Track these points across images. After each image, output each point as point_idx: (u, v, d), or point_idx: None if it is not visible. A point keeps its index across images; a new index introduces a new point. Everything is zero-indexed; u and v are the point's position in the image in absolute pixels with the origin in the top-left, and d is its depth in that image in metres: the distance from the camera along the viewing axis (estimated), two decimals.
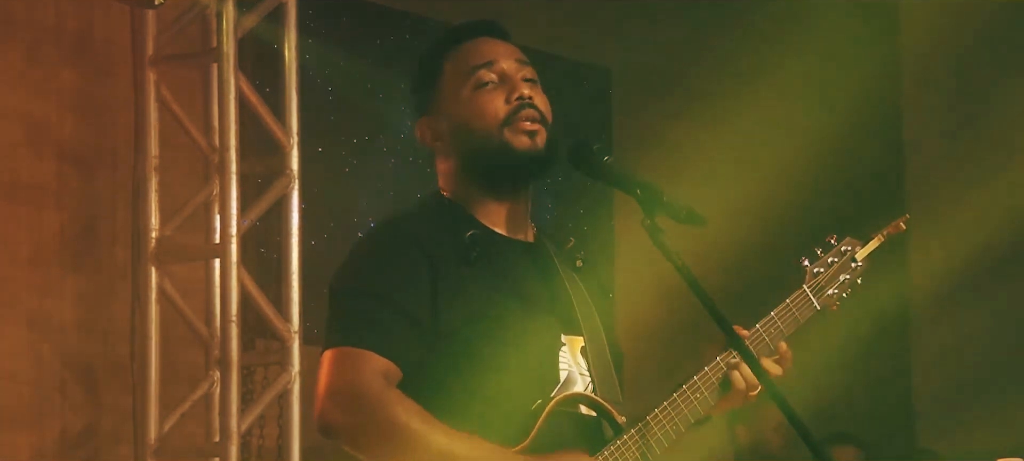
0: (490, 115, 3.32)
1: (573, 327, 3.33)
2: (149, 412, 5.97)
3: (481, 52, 3.37)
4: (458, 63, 3.37)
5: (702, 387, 3.34)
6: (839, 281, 3.53)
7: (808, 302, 3.48)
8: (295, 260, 6.02)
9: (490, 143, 3.31)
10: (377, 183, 7.20)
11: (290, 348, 6.01)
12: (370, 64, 7.17)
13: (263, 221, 6.16)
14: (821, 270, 3.52)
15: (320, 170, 6.74)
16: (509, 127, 3.31)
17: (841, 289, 3.53)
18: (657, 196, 3.20)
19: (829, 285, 3.51)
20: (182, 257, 6.06)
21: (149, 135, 6.05)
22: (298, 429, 6.00)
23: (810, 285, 3.49)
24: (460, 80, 3.35)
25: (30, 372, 5.89)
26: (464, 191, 3.36)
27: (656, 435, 3.28)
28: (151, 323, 5.99)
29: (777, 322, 3.43)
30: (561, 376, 3.28)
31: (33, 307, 5.92)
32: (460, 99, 3.34)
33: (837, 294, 3.52)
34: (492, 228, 3.34)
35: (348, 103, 7.13)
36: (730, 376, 3.35)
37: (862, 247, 3.57)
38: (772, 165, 8.29)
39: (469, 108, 3.33)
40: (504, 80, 3.34)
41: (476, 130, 3.32)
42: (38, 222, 5.96)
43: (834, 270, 3.53)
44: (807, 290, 3.49)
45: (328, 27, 6.98)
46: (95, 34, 6.15)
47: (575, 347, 3.32)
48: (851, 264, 3.55)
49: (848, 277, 3.54)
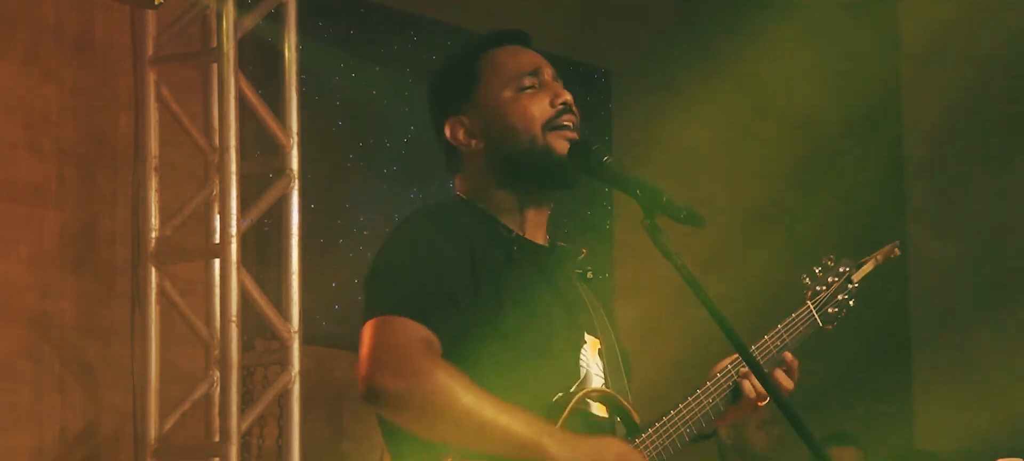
0: (534, 117, 3.33)
1: (591, 329, 3.36)
2: (149, 412, 5.97)
3: (524, 59, 3.39)
4: (498, 65, 3.37)
5: (714, 392, 3.37)
6: (837, 300, 3.62)
7: (811, 318, 3.55)
8: (295, 260, 6.02)
9: (533, 144, 3.32)
10: (377, 183, 7.21)
11: (290, 348, 6.01)
12: (371, 64, 7.17)
13: (263, 221, 6.16)
14: (821, 289, 3.61)
15: (320, 170, 6.74)
16: (551, 130, 3.33)
17: (839, 308, 3.62)
18: (657, 196, 3.20)
19: (829, 304, 3.60)
20: (182, 257, 6.07)
21: (149, 135, 6.05)
22: (298, 429, 6.00)
23: (813, 302, 3.57)
24: (502, 82, 3.36)
25: (30, 372, 5.89)
26: (487, 193, 3.37)
27: (671, 437, 3.30)
28: (151, 323, 5.99)
29: (783, 334, 3.49)
30: (581, 372, 3.29)
31: (33, 307, 5.92)
32: (502, 99, 3.35)
33: (835, 313, 3.61)
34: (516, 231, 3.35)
35: (348, 103, 7.13)
36: (741, 385, 3.38)
37: (857, 270, 3.65)
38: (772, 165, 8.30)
39: (512, 108, 3.34)
40: (543, 85, 3.36)
41: (519, 130, 3.33)
42: (38, 222, 5.96)
43: (833, 290, 3.62)
44: (811, 306, 3.56)
45: (328, 27, 6.98)
46: (95, 34, 6.15)
47: (594, 348, 3.34)
48: (848, 285, 3.64)
49: (845, 297, 3.63)
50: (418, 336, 3.14)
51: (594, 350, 3.34)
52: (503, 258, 3.27)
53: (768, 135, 8.27)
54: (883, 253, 3.67)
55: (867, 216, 8.20)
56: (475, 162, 3.37)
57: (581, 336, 3.32)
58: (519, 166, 3.34)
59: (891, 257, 3.68)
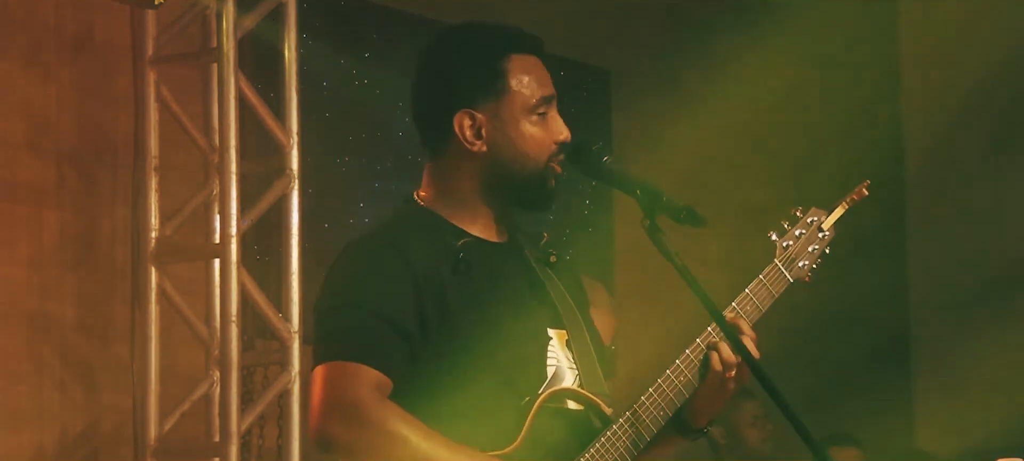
0: (544, 148, 3.34)
1: (556, 322, 3.35)
2: (149, 412, 5.97)
3: (546, 82, 3.39)
4: (524, 81, 3.36)
5: (685, 370, 3.36)
6: (808, 252, 3.52)
7: (781, 276, 3.48)
8: (295, 260, 6.02)
9: (537, 174, 3.34)
10: (376, 183, 7.21)
11: (290, 348, 6.01)
12: (370, 64, 7.17)
13: (263, 221, 6.16)
14: (790, 243, 3.52)
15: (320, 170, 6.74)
16: (551, 163, 3.35)
17: (811, 259, 3.52)
18: (656, 196, 3.21)
19: (799, 257, 3.51)
20: (182, 257, 6.06)
21: (149, 135, 6.05)
22: (298, 429, 6.00)
23: (781, 258, 3.49)
24: (525, 101, 3.35)
25: (30, 372, 5.89)
26: (456, 191, 3.36)
27: (644, 422, 3.30)
28: (151, 323, 5.99)
29: (752, 298, 3.43)
30: (549, 372, 3.29)
31: (33, 307, 5.92)
32: (522, 120, 3.35)
33: (808, 265, 3.51)
34: (470, 232, 3.34)
35: (348, 103, 7.13)
36: (708, 356, 3.35)
37: (827, 216, 3.56)
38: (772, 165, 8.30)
39: (529, 134, 3.34)
40: (552, 116, 3.38)
41: (528, 158, 3.34)
42: (38, 222, 5.96)
43: (803, 241, 3.52)
44: (778, 264, 3.48)
45: (328, 27, 6.98)
46: (95, 34, 6.15)
47: (561, 341, 3.34)
48: (818, 234, 3.54)
49: (817, 247, 3.53)
50: (368, 381, 3.16)
51: (562, 343, 3.34)
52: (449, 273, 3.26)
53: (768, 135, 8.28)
54: (854, 194, 3.57)
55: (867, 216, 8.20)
56: (469, 161, 3.36)
57: (544, 333, 3.31)
58: (512, 188, 3.35)
59: (861, 197, 3.56)
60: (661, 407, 3.31)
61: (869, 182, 3.57)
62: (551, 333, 3.33)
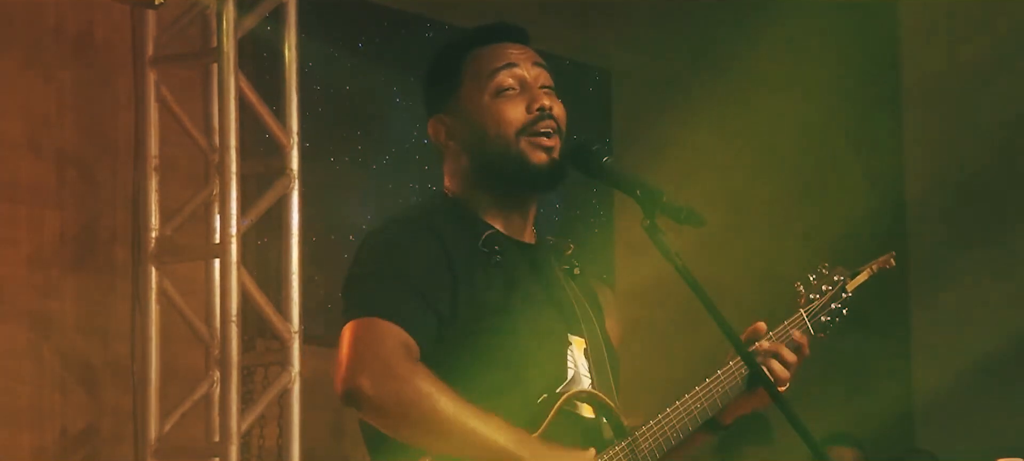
0: (509, 122, 3.31)
1: (576, 328, 3.35)
2: (149, 412, 5.97)
3: (502, 53, 3.37)
4: (479, 66, 3.36)
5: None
6: (830, 309, 3.56)
7: (804, 326, 3.50)
8: (295, 260, 6.03)
9: (508, 151, 3.31)
10: (377, 182, 7.20)
11: (290, 348, 6.02)
12: (370, 64, 7.17)
13: (263, 221, 6.16)
14: (815, 297, 3.55)
15: (320, 170, 6.74)
16: (527, 137, 3.31)
17: (832, 317, 3.56)
18: (657, 197, 3.20)
19: (821, 312, 3.54)
20: (182, 257, 6.07)
21: (149, 135, 6.05)
22: (298, 429, 6.00)
23: (807, 310, 3.52)
24: (481, 84, 3.35)
25: (30, 372, 5.89)
26: (472, 192, 3.37)
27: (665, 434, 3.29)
28: (151, 323, 5.99)
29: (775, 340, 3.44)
30: (568, 373, 3.29)
31: (33, 307, 5.92)
32: (480, 104, 3.34)
33: (828, 322, 3.55)
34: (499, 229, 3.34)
35: (348, 103, 7.13)
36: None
37: (851, 279, 3.59)
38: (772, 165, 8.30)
39: (488, 114, 3.33)
40: (524, 88, 3.35)
41: (494, 137, 3.32)
42: (38, 222, 5.96)
43: (826, 299, 3.56)
44: (804, 315, 3.51)
45: (328, 27, 6.98)
46: (95, 34, 6.15)
47: (579, 348, 3.34)
48: (842, 294, 3.58)
49: (838, 306, 3.57)
50: (398, 340, 3.15)
51: (580, 350, 3.33)
52: (482, 260, 3.27)
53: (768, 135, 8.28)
54: (879, 263, 3.61)
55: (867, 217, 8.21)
56: (456, 161, 3.38)
57: (565, 336, 3.31)
58: (494, 171, 3.34)
59: (887, 267, 3.63)
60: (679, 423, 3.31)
61: (895, 253, 3.60)
62: (571, 339, 3.33)
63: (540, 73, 3.38)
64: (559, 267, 3.42)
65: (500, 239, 3.32)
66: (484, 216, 3.35)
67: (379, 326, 3.15)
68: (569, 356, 3.30)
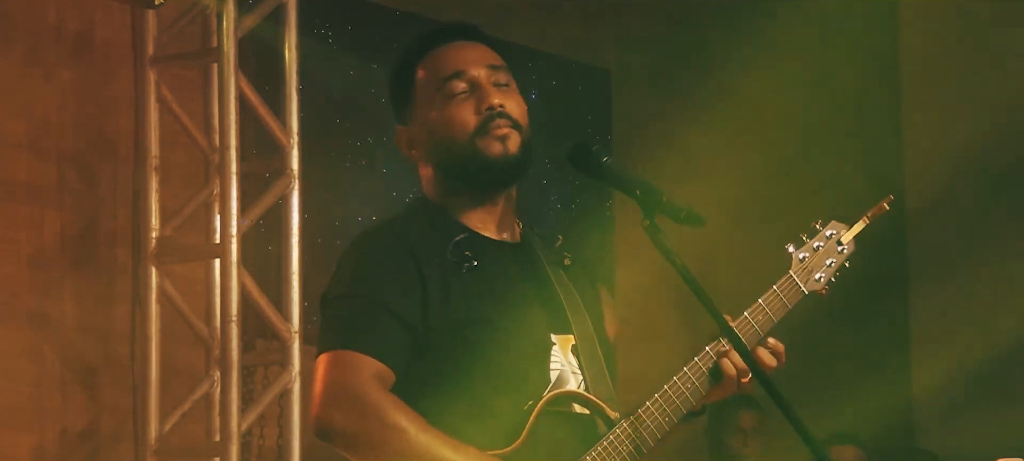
0: (461, 126, 3.33)
1: (563, 326, 3.34)
2: (149, 412, 5.97)
3: (451, 61, 3.39)
4: (429, 73, 3.39)
5: (692, 377, 3.34)
6: (826, 265, 3.49)
7: (795, 287, 3.45)
8: (295, 260, 6.03)
9: (464, 154, 3.32)
10: (377, 183, 7.20)
11: (290, 348, 6.02)
12: (370, 64, 7.17)
13: (263, 221, 6.17)
14: (806, 255, 3.49)
15: (320, 170, 6.74)
16: (480, 137, 3.32)
17: (828, 273, 3.49)
18: (656, 197, 3.20)
19: (816, 269, 3.49)
20: (182, 257, 6.07)
21: (149, 135, 6.05)
22: (298, 429, 6.00)
23: (796, 270, 3.47)
24: (431, 91, 3.37)
25: (30, 372, 5.89)
26: (447, 196, 3.38)
27: (648, 427, 3.29)
28: (151, 323, 6.00)
29: (765, 309, 3.41)
30: (552, 376, 3.28)
31: (33, 307, 5.92)
32: (433, 113, 3.36)
33: (824, 278, 3.49)
34: (478, 230, 3.34)
35: (348, 103, 7.13)
36: (720, 364, 3.34)
37: (847, 230, 3.53)
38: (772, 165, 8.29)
39: (441, 120, 3.34)
40: (474, 88, 3.35)
41: (449, 142, 3.33)
42: (38, 222, 5.96)
43: (820, 255, 3.50)
44: (793, 275, 3.46)
45: (328, 27, 6.98)
46: (95, 34, 6.15)
47: (566, 346, 3.33)
48: (837, 247, 3.51)
49: (834, 260, 3.51)
50: (369, 372, 3.16)
51: (566, 348, 3.33)
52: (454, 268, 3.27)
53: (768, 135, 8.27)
54: (875, 210, 3.54)
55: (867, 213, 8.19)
56: (425, 168, 3.40)
57: (548, 338, 3.31)
58: (456, 175, 3.35)
59: (882, 212, 3.54)
60: (666, 413, 3.30)
61: (892, 197, 3.53)
62: (555, 338, 3.32)
63: (494, 72, 3.38)
64: (548, 260, 3.41)
65: (475, 242, 3.32)
66: (461, 218, 3.35)
67: (351, 360, 3.17)
68: (554, 357, 3.30)
